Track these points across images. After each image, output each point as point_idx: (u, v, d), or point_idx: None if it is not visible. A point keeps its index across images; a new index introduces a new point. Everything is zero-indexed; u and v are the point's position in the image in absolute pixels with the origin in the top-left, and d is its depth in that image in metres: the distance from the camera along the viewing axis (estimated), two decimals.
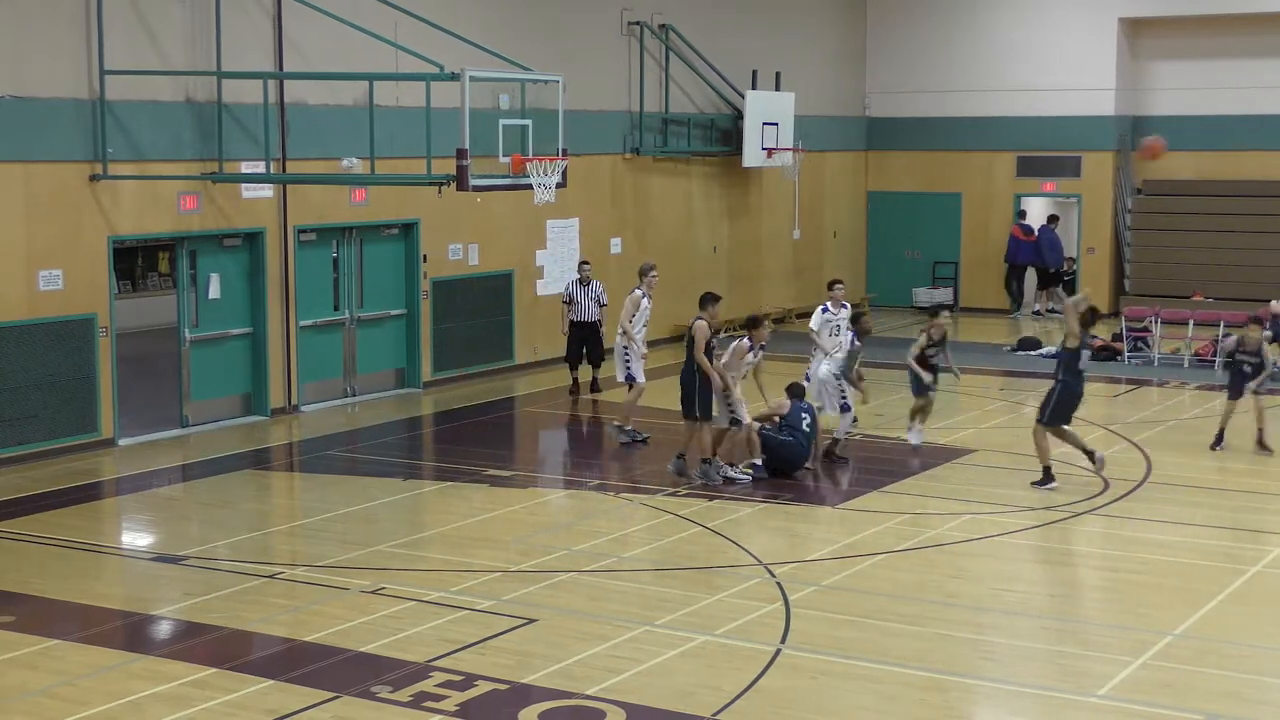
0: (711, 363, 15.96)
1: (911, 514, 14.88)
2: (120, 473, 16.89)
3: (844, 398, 17.31)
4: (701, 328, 15.93)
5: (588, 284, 20.88)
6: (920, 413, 17.90)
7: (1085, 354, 15.93)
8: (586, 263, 21.39)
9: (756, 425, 16.25)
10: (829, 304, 18.30)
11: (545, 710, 9.80)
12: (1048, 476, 15.93)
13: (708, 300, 16.31)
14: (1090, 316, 15.99)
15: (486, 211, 21.75)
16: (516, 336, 23.33)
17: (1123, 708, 9.88)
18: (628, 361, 18.61)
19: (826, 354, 17.66)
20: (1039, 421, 16.06)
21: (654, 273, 18.99)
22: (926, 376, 17.69)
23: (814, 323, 18.31)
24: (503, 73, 18.17)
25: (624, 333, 18.60)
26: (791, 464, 16.30)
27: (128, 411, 18.33)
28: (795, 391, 16.86)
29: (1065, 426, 16.05)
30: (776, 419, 16.47)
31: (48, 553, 13.53)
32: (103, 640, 11.17)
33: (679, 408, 16.36)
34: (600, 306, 20.98)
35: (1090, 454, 16.00)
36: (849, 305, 18.54)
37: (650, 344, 19.59)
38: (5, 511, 14.87)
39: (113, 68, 17.39)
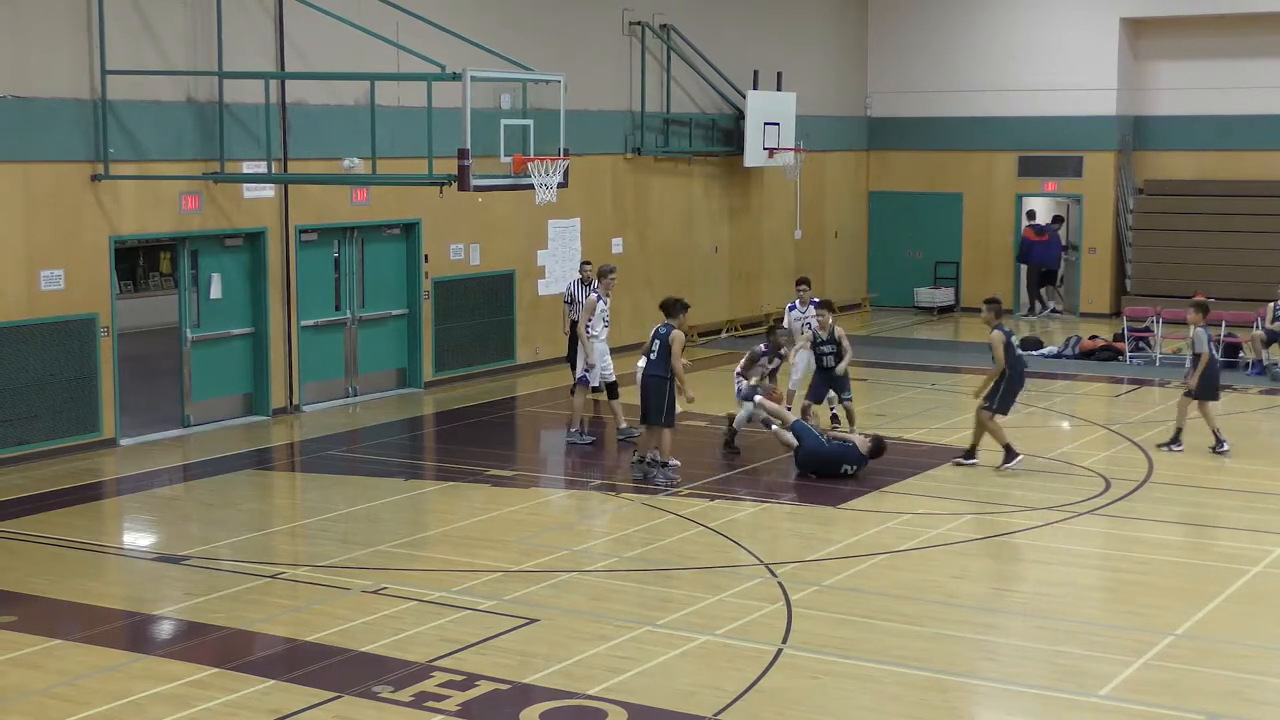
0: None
1: (912, 514, 14.88)
2: (121, 472, 16.89)
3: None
4: (679, 337, 15.99)
5: (589, 284, 20.86)
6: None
7: (1012, 338, 16.86)
8: (588, 263, 21.35)
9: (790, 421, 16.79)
10: (796, 302, 19.07)
11: (546, 710, 9.81)
12: (1011, 454, 16.48)
13: (679, 308, 16.31)
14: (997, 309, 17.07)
15: (488, 211, 21.75)
16: (518, 336, 23.33)
17: (1124, 708, 9.88)
18: (589, 365, 18.33)
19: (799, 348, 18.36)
20: (988, 410, 16.50)
21: (613, 275, 18.78)
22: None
23: (785, 320, 19.06)
24: (504, 73, 18.18)
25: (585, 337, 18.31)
26: (823, 468, 16.36)
27: (129, 411, 18.34)
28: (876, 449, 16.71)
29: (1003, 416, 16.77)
30: (840, 437, 16.67)
31: (49, 553, 13.54)
32: (104, 640, 11.18)
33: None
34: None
35: (1008, 448, 16.60)
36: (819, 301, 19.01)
37: (618, 349, 19.51)
38: (6, 511, 14.87)
39: (114, 68, 17.39)
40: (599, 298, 18.43)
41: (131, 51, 17.73)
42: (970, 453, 16.82)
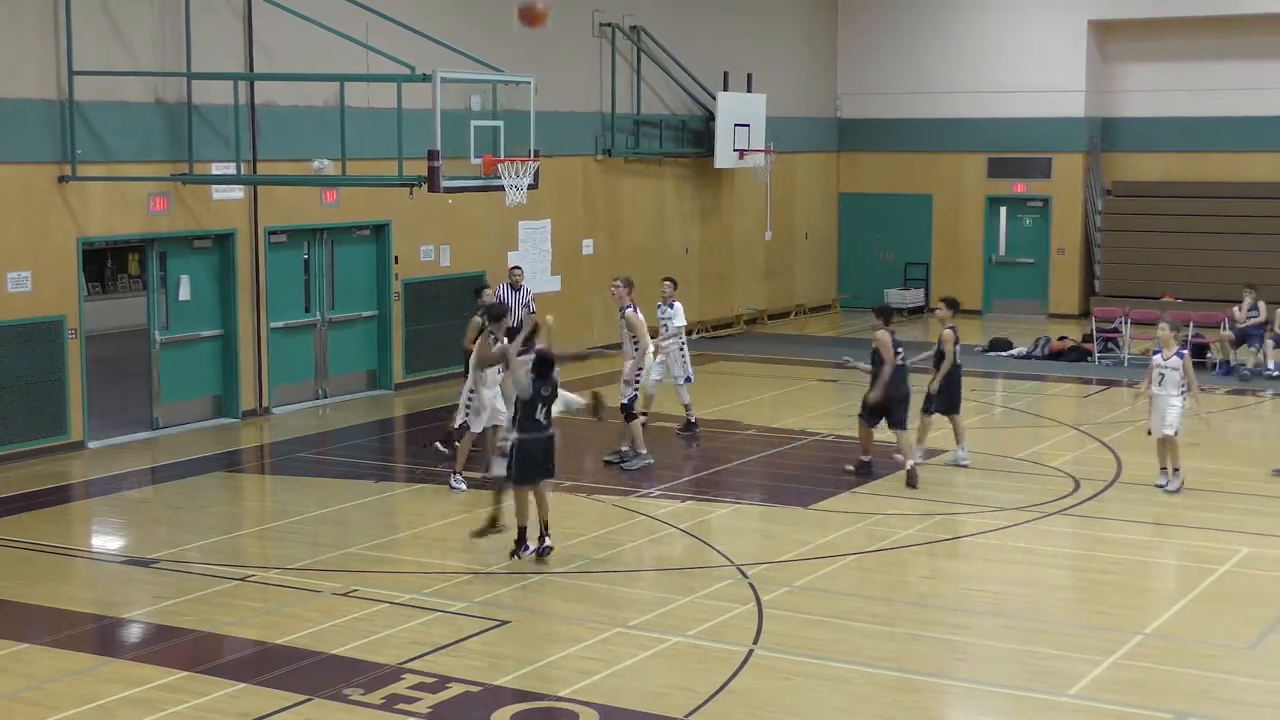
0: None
1: (883, 514, 14.92)
2: (90, 475, 16.80)
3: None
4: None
5: (518, 289, 20.72)
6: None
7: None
8: (517, 268, 21.27)
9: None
10: (661, 302, 18.80)
11: (518, 712, 9.80)
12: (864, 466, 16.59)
13: None
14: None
15: (458, 213, 21.72)
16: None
17: (1093, 707, 9.93)
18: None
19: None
20: (929, 412, 17.27)
21: (618, 284, 17.64)
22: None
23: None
24: (474, 74, 18.16)
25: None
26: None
27: (97, 414, 18.25)
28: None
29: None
30: None
31: (17, 556, 13.45)
32: (73, 644, 11.12)
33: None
34: (530, 313, 20.74)
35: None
36: (678, 305, 18.66)
37: (608, 347, 19.24)
38: None
39: (82, 68, 17.30)
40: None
41: (100, 52, 17.64)
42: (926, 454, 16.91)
